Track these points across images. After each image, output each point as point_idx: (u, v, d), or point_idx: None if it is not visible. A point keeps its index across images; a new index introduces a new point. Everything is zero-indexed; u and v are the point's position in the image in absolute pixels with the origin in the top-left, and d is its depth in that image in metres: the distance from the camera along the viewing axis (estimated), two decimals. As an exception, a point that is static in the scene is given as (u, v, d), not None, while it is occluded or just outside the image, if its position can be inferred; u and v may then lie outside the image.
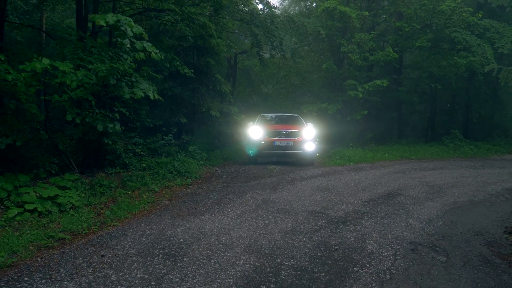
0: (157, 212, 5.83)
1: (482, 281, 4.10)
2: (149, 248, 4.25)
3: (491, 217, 6.98)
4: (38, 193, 5.72)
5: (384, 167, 11.54)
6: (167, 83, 11.86)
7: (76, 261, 3.80)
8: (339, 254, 4.48)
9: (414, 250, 4.95)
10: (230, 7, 11.97)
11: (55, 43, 8.41)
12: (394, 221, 6.13)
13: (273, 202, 6.72)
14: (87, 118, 7.27)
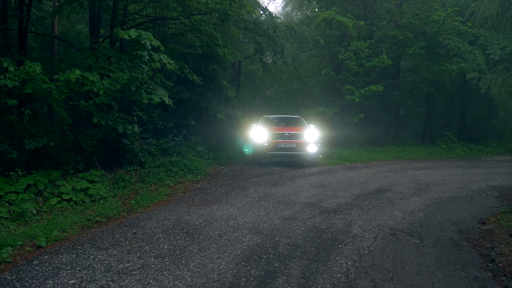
0: (174, 202, 6.77)
1: (445, 257, 4.98)
2: (171, 228, 5.19)
3: (469, 210, 7.79)
4: (72, 186, 6.68)
5: (377, 167, 12.42)
6: (175, 88, 12.79)
7: (114, 236, 4.75)
8: (328, 235, 5.39)
9: (393, 234, 5.83)
10: (235, 17, 12.88)
11: (79, 53, 9.34)
12: (380, 212, 7.00)
13: (273, 195, 7.64)
14: (109, 120, 8.22)
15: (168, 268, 3.88)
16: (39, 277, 3.51)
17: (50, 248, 4.29)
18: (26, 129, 7.26)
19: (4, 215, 5.31)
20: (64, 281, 3.45)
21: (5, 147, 6.89)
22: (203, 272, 3.83)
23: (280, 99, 21.85)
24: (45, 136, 7.51)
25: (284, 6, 30.31)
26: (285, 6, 30.18)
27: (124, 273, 3.69)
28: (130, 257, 4.09)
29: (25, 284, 3.38)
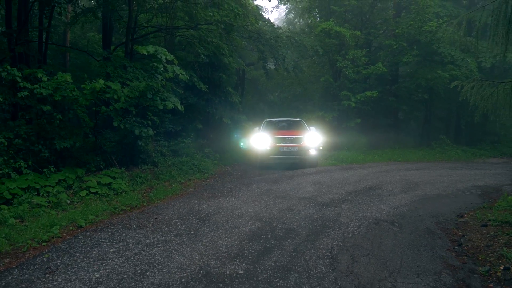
0: (186, 196, 7.73)
1: (418, 241, 5.86)
2: (185, 215, 6.14)
3: (451, 206, 8.58)
4: (97, 181, 7.65)
5: (371, 167, 13.31)
6: (184, 94, 13.77)
7: (139, 220, 5.71)
8: (318, 222, 6.31)
9: (376, 223, 6.72)
10: (239, 28, 13.86)
11: (99, 64, 10.34)
12: (368, 206, 7.89)
13: (273, 191, 8.58)
14: (127, 124, 9.20)
15: (185, 243, 4.83)
16: (86, 247, 4.48)
17: (89, 228, 5.27)
18: (56, 131, 8.26)
19: (44, 204, 6.30)
20: (105, 250, 4.41)
21: (39, 147, 7.89)
22: (213, 246, 4.77)
23: (283, 103, 22.80)
24: (71, 138, 8.51)
25: (287, 13, 31.43)
26: (288, 13, 31.29)
27: (151, 245, 4.64)
28: (154, 235, 5.04)
29: (76, 251, 4.35)
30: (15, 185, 6.73)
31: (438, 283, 4.35)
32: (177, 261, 4.21)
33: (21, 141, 7.68)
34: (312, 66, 21.15)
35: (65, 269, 3.85)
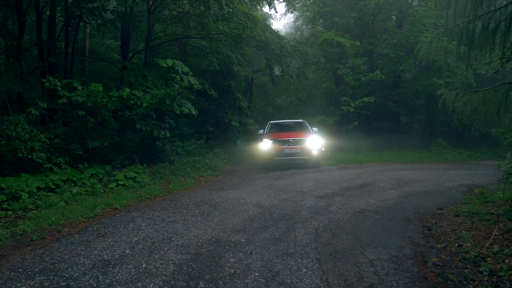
0: (199, 188, 9.01)
1: (394, 226, 6.99)
2: (199, 202, 7.41)
3: (434, 201, 9.61)
4: (124, 175, 8.97)
5: (368, 167, 14.44)
6: (197, 100, 15.08)
7: (162, 205, 6.99)
8: (311, 210, 7.51)
9: (361, 212, 7.86)
10: (247, 38, 15.13)
11: (123, 73, 11.69)
12: (357, 199, 9.03)
13: (275, 185, 9.80)
14: (147, 126, 10.52)
15: (200, 221, 6.09)
16: (123, 221, 5.77)
17: (123, 209, 6.57)
18: (88, 133, 9.62)
19: (82, 192, 7.62)
20: (139, 223, 5.70)
21: (74, 146, 9.24)
22: (222, 224, 6.02)
23: (289, 108, 24.01)
24: (101, 138, 9.86)
25: (294, 20, 32.71)
26: (295, 20, 32.56)
27: (173, 222, 5.91)
28: (175, 215, 6.32)
29: (117, 224, 5.64)
30: (57, 177, 8.07)
31: (399, 253, 5.50)
32: (194, 232, 5.46)
33: (59, 141, 9.05)
34: (318, 72, 22.29)
35: (111, 234, 5.13)
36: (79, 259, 4.22)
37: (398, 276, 4.56)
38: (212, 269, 4.14)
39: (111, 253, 4.44)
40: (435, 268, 5.13)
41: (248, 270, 4.21)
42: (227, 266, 4.26)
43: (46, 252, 4.41)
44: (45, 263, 4.08)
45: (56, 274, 3.78)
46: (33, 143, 8.00)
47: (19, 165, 8.11)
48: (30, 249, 4.53)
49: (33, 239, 4.92)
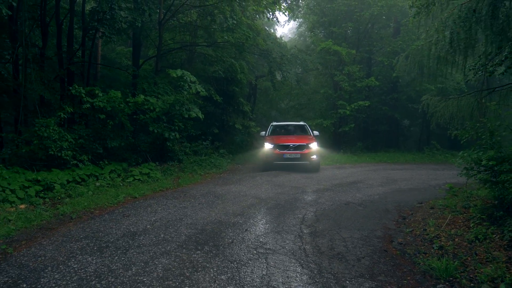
0: (205, 183, 10.23)
1: (373, 215, 8.10)
2: (205, 194, 8.62)
3: (417, 197, 10.63)
4: (139, 171, 10.22)
5: (361, 167, 15.57)
6: (203, 104, 16.33)
7: (174, 195, 8.22)
8: (301, 201, 8.68)
9: (347, 204, 8.99)
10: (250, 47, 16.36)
11: (137, 81, 12.96)
12: (345, 194, 10.15)
13: (273, 181, 10.99)
14: (159, 129, 11.76)
15: (205, 207, 7.30)
16: (143, 206, 7.00)
17: (141, 198, 7.81)
18: (107, 134, 10.88)
19: (105, 185, 8.87)
20: (155, 208, 6.93)
21: (95, 146, 10.51)
22: (224, 210, 7.22)
23: (291, 111, 25.19)
24: (118, 139, 11.12)
25: (298, 27, 33.95)
26: (299, 27, 33.80)
27: (183, 207, 7.13)
28: (185, 203, 7.54)
29: (138, 208, 6.87)
30: (82, 172, 9.33)
31: (370, 234, 6.63)
32: (200, 215, 6.67)
33: (83, 141, 10.31)
34: (318, 77, 23.47)
35: (134, 215, 6.36)
36: (112, 231, 5.44)
37: (363, 248, 5.71)
38: (214, 239, 5.34)
39: (136, 227, 5.66)
40: (398, 245, 6.26)
41: (243, 240, 5.40)
42: (226, 238, 5.46)
43: (85, 226, 5.64)
44: (87, 232, 5.30)
45: (97, 239, 5.00)
46: (62, 142, 9.26)
47: (49, 162, 9.36)
48: (72, 224, 5.77)
49: (73, 217, 6.16)
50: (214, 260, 4.49)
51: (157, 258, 4.39)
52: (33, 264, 4.07)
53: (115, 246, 4.75)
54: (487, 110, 10.28)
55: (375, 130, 23.03)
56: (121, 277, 3.80)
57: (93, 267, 4.03)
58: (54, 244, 4.74)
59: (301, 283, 4.02)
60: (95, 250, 4.57)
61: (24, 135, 9.86)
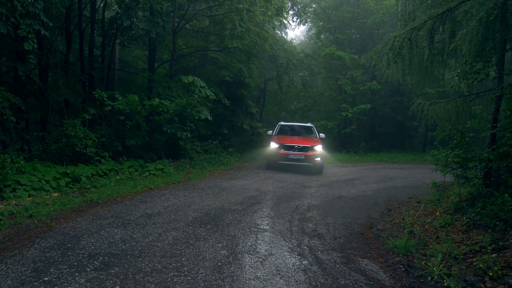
0: (213, 178, 11.36)
1: (361, 207, 9.08)
2: (212, 186, 9.75)
3: (409, 193, 11.47)
4: (154, 167, 11.41)
5: (361, 166, 16.51)
6: (214, 106, 17.48)
7: (184, 187, 9.37)
8: (298, 194, 9.71)
9: (339, 198, 9.99)
10: (258, 53, 17.45)
11: (152, 85, 14.18)
12: (340, 189, 11.14)
13: (274, 177, 12.05)
14: (172, 129, 12.92)
15: (211, 197, 8.41)
16: (157, 195, 8.16)
17: (156, 189, 8.98)
18: (126, 133, 12.11)
19: (124, 178, 10.07)
20: (168, 196, 8.07)
21: (115, 144, 11.74)
22: (227, 199, 8.31)
23: (298, 112, 26.23)
24: (135, 138, 12.33)
25: (308, 30, 34.95)
26: (308, 31, 34.79)
27: (192, 196, 8.26)
28: (193, 193, 8.67)
29: (153, 196, 8.02)
30: (104, 167, 10.55)
31: (352, 221, 7.61)
32: (206, 203, 7.79)
33: (105, 139, 11.55)
34: (325, 80, 24.42)
35: (150, 201, 7.52)
36: (132, 212, 6.59)
37: (343, 231, 6.73)
38: (215, 221, 6.44)
39: (151, 210, 6.81)
40: (375, 230, 7.24)
41: (239, 222, 6.50)
42: (226, 220, 6.56)
43: (110, 209, 6.81)
44: (112, 213, 6.46)
45: (120, 218, 6.15)
46: (86, 140, 10.49)
47: (75, 157, 10.60)
48: (99, 207, 6.94)
49: (99, 203, 7.34)
50: (214, 234, 5.60)
51: (168, 232, 5.52)
52: (73, 232, 5.24)
53: (135, 223, 5.90)
54: (472, 113, 11.15)
55: (380, 131, 23.85)
56: (141, 242, 4.93)
57: (119, 235, 5.18)
58: (86, 221, 5.91)
59: (281, 251, 5.09)
60: (120, 225, 5.72)
61: (53, 134, 11.13)
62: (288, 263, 4.62)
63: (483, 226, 6.28)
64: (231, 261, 4.49)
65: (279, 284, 3.95)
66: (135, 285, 3.63)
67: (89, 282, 3.65)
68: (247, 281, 3.97)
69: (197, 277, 3.91)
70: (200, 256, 4.58)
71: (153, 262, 4.25)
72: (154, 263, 4.22)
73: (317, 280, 4.15)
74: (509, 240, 5.57)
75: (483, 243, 5.69)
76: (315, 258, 4.94)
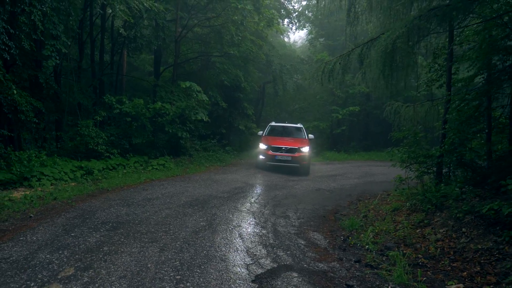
0: (208, 172, 12.89)
1: (334, 197, 10.51)
2: (206, 179, 11.26)
3: (386, 187, 12.54)
4: (157, 162, 12.96)
5: (348, 163, 17.90)
6: (213, 108, 19.05)
7: (181, 179, 10.91)
8: (280, 187, 11.15)
9: (317, 190, 11.41)
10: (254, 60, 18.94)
11: (156, 89, 15.76)
12: (321, 183, 12.54)
13: (263, 172, 13.53)
14: (173, 129, 14.47)
15: (203, 187, 9.92)
16: (157, 185, 9.70)
17: (157, 180, 10.52)
18: (132, 133, 13.69)
19: (131, 171, 11.64)
20: (166, 186, 9.61)
21: (123, 142, 13.32)
22: (216, 189, 9.81)
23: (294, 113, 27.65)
24: (140, 137, 13.90)
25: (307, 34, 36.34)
26: (308, 34, 36.18)
27: (186, 186, 9.78)
28: (188, 184, 10.19)
29: (153, 186, 9.56)
30: (113, 162, 12.13)
31: (320, 207, 9.02)
32: (198, 191, 9.30)
33: (113, 138, 13.13)
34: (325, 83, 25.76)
35: (150, 189, 9.06)
36: (135, 196, 8.13)
37: (308, 214, 8.15)
38: (202, 204, 7.95)
39: (151, 195, 8.34)
40: (338, 215, 8.64)
41: (222, 205, 7.99)
42: (211, 203, 8.06)
43: (118, 194, 8.36)
44: (119, 197, 8.00)
45: (126, 200, 7.69)
46: (98, 139, 12.07)
47: (88, 153, 12.18)
48: (109, 193, 8.49)
49: (109, 190, 8.90)
50: (198, 212, 7.11)
51: (162, 210, 7.05)
52: (89, 209, 6.79)
53: (137, 204, 7.44)
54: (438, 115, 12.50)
55: (374, 131, 25.20)
56: (140, 216, 6.46)
57: (124, 211, 6.72)
58: (99, 202, 7.46)
59: (247, 224, 6.58)
60: (125, 205, 7.27)
61: (69, 133, 12.73)
62: (250, 231, 6.12)
63: (421, 210, 7.69)
64: (207, 228, 6.00)
65: (238, 242, 5.44)
66: (134, 239, 5.16)
67: (103, 237, 5.18)
68: (216, 239, 5.47)
69: (178, 236, 5.43)
70: (184, 225, 6.09)
71: (148, 227, 5.78)
72: (149, 228, 5.75)
73: (267, 241, 5.63)
74: (433, 219, 7.02)
75: (414, 222, 7.14)
76: (273, 230, 6.42)
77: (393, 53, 6.72)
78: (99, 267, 4.15)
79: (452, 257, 5.25)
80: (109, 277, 3.91)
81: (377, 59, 7.18)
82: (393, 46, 6.52)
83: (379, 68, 7.35)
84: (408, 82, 15.16)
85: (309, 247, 5.61)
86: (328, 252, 5.47)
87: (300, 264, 4.76)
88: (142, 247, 4.86)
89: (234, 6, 14.91)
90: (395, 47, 6.58)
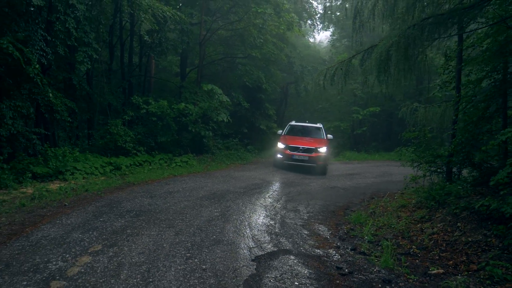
0: (228, 169, 13.56)
1: (347, 195, 10.93)
2: (225, 176, 11.92)
3: (402, 186, 13.11)
4: (180, 159, 13.74)
5: (367, 163, 18.13)
6: (236, 108, 19.72)
7: (201, 175, 11.61)
8: (296, 184, 11.67)
9: (333, 188, 11.84)
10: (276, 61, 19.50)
11: (182, 90, 16.59)
12: (337, 181, 12.95)
13: (280, 170, 14.04)
14: (196, 129, 15.22)
15: (221, 183, 10.56)
16: (179, 180, 10.42)
17: (179, 176, 11.26)
18: (158, 132, 14.54)
19: (155, 167, 12.45)
20: (187, 181, 10.32)
21: (149, 140, 14.18)
22: (234, 185, 10.43)
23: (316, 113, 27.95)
24: (165, 136, 14.73)
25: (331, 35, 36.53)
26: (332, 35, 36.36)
27: (206, 182, 10.46)
28: (208, 180, 10.87)
29: (175, 181, 10.30)
30: (139, 159, 12.99)
31: (331, 204, 9.46)
32: (216, 186, 9.95)
33: (140, 136, 14.01)
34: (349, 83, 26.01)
35: (172, 184, 9.79)
36: (158, 190, 8.87)
37: (317, 209, 8.64)
38: (219, 197, 8.59)
39: (173, 189, 9.06)
40: (348, 211, 9.08)
41: (237, 199, 8.60)
42: (227, 197, 8.69)
43: (143, 187, 9.13)
44: (144, 190, 8.77)
45: (149, 193, 8.44)
46: (126, 137, 12.96)
47: (117, 151, 13.09)
48: (135, 186, 9.28)
49: (135, 184, 9.70)
50: (214, 205, 7.75)
51: (181, 202, 7.74)
52: (116, 199, 7.57)
53: (159, 196, 8.17)
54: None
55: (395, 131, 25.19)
56: (161, 206, 7.17)
57: (147, 202, 7.46)
58: (125, 193, 8.25)
59: (258, 216, 7.16)
60: (148, 196, 8.01)
61: (99, 131, 13.70)
62: (259, 222, 6.70)
63: (425, 207, 8.05)
64: (219, 218, 6.63)
65: (246, 230, 6.03)
66: (154, 224, 5.86)
67: (127, 222, 5.91)
68: (226, 227, 6.08)
69: (193, 223, 6.09)
70: (199, 215, 6.75)
71: (167, 215, 6.47)
72: (167, 216, 6.44)
73: (273, 230, 6.20)
74: (434, 215, 7.38)
75: (416, 217, 7.53)
76: (281, 222, 6.97)
77: (387, 61, 7.13)
78: (122, 245, 4.86)
79: (443, 248, 5.66)
80: (130, 252, 4.60)
81: (372, 66, 7.65)
82: (387, 54, 6.93)
83: (375, 74, 7.83)
84: (423, 83, 15.21)
85: (311, 236, 6.13)
86: (328, 241, 5.98)
87: (299, 250, 5.30)
88: (160, 231, 5.55)
89: (255, 10, 15.51)
90: (390, 55, 7.00)
